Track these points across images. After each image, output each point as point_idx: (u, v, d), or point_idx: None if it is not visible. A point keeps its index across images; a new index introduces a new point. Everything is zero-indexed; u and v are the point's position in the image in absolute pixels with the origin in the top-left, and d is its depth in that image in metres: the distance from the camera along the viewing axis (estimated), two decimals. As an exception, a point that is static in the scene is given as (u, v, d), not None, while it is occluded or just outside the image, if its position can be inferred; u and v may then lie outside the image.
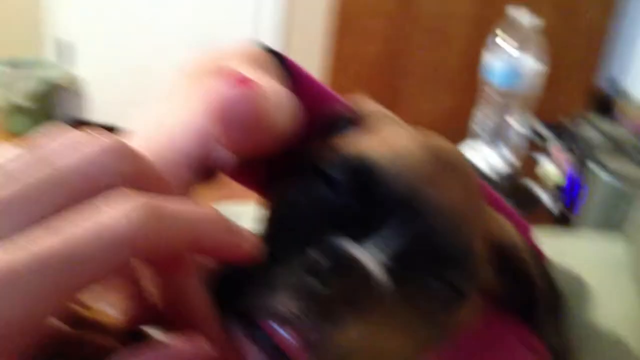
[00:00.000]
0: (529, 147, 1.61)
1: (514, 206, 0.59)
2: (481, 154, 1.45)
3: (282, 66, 0.48)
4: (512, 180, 1.36)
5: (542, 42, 1.31)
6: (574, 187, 1.12)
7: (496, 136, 1.44)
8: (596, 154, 1.11)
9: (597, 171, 1.06)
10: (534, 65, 1.29)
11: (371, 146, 0.42)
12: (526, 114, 1.45)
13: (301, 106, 0.48)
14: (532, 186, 1.40)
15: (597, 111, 1.42)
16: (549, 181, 1.41)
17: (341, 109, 0.51)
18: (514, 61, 1.30)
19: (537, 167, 1.46)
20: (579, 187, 1.10)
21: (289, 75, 0.49)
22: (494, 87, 1.34)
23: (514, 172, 1.38)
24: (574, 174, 1.15)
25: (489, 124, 1.45)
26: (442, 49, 2.16)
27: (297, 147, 0.43)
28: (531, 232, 0.57)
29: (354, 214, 0.38)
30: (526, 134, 1.69)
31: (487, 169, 1.39)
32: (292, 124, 0.40)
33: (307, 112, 0.51)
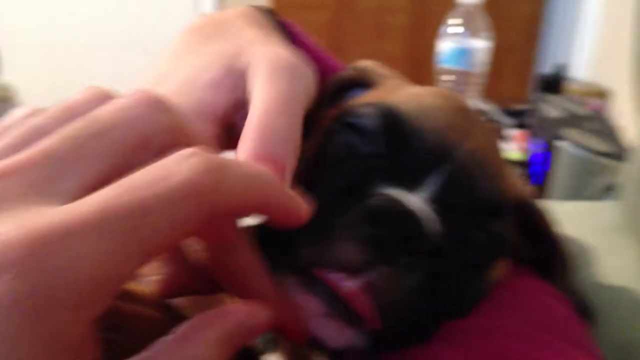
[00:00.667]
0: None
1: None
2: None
3: (281, 28, 0.46)
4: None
5: (486, 21, 1.34)
6: (539, 163, 1.13)
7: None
8: (558, 128, 1.12)
9: (562, 145, 1.07)
10: (482, 44, 1.31)
11: (395, 99, 0.40)
12: (480, 99, 1.47)
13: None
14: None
15: (545, 93, 1.44)
16: (512, 162, 1.43)
17: (348, 71, 0.50)
18: (463, 42, 1.33)
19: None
20: (544, 163, 1.11)
21: (290, 38, 0.46)
22: (446, 69, 1.35)
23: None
24: (537, 151, 1.16)
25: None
26: (381, 41, 2.18)
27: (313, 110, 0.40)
28: None
29: (391, 163, 0.37)
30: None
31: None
32: (313, 94, 0.38)
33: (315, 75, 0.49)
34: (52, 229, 0.19)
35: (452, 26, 1.34)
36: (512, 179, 0.47)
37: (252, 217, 0.32)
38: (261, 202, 0.25)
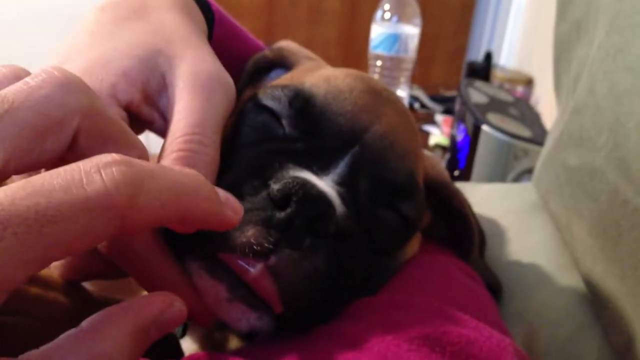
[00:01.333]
0: (416, 120, 1.66)
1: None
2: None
3: (206, 8, 0.45)
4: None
5: (418, 8, 1.36)
6: (464, 148, 1.16)
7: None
8: (483, 114, 1.15)
9: (485, 130, 1.10)
10: (412, 30, 1.33)
11: (308, 81, 0.41)
12: (410, 85, 1.49)
13: (226, 47, 0.46)
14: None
15: (474, 80, 1.48)
16: (438, 147, 1.47)
17: (267, 51, 0.50)
18: (394, 27, 1.34)
19: (428, 139, 1.51)
20: (468, 147, 1.14)
21: (212, 17, 0.46)
22: (377, 54, 1.36)
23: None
24: (462, 136, 1.19)
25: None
26: (315, 26, 2.18)
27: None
28: None
29: (303, 146, 0.37)
30: (413, 106, 1.74)
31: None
32: (233, 101, 0.38)
33: (232, 54, 0.49)
34: None
35: (385, 12, 1.35)
36: (426, 160, 0.48)
37: None
38: (184, 214, 0.24)
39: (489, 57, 1.75)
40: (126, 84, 0.35)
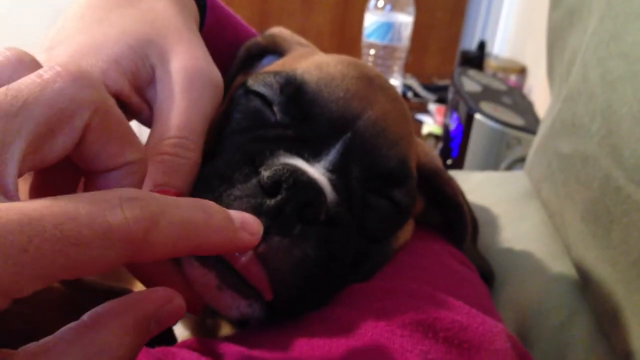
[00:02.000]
0: (409, 109, 1.66)
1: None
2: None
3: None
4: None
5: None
6: (458, 137, 1.16)
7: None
8: (476, 102, 1.15)
9: (478, 118, 1.10)
10: (406, 19, 1.33)
11: (300, 67, 0.40)
12: (404, 73, 1.49)
13: (217, 34, 0.46)
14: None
15: (467, 68, 1.48)
16: (431, 136, 1.47)
17: (259, 38, 0.49)
18: (388, 16, 1.34)
19: (421, 128, 1.50)
20: (461, 136, 1.14)
21: (204, 3, 0.45)
22: (371, 43, 1.36)
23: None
24: (456, 125, 1.19)
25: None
26: (310, 14, 2.17)
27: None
28: None
29: (295, 132, 0.37)
30: (406, 95, 1.74)
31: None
32: (220, 96, 0.37)
33: (224, 41, 0.48)
34: None
35: (378, 0, 1.35)
36: (419, 147, 0.48)
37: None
38: (195, 248, 0.24)
39: (482, 45, 1.74)
40: (117, 72, 0.34)
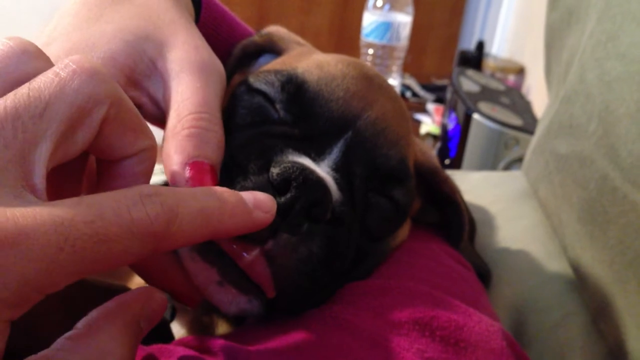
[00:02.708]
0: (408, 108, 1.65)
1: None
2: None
3: None
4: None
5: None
6: (456, 137, 1.16)
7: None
8: (474, 102, 1.15)
9: (476, 118, 1.10)
10: (404, 18, 1.33)
11: (300, 66, 0.40)
12: (402, 73, 1.49)
13: (212, 32, 0.46)
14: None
15: (466, 68, 1.48)
16: (429, 136, 1.47)
17: (255, 37, 0.49)
18: (386, 16, 1.34)
19: (420, 127, 1.50)
20: (459, 136, 1.14)
21: (200, 1, 0.46)
22: (369, 42, 1.36)
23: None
24: (454, 125, 1.19)
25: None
26: (308, 14, 2.17)
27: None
28: None
29: (298, 131, 0.37)
30: (405, 94, 1.74)
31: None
32: (223, 87, 0.38)
33: (219, 38, 0.48)
34: (7, 233, 0.19)
35: (377, 0, 1.34)
36: (417, 146, 0.48)
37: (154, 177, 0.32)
38: (213, 234, 0.26)
39: (481, 46, 1.74)
40: (113, 68, 0.34)
